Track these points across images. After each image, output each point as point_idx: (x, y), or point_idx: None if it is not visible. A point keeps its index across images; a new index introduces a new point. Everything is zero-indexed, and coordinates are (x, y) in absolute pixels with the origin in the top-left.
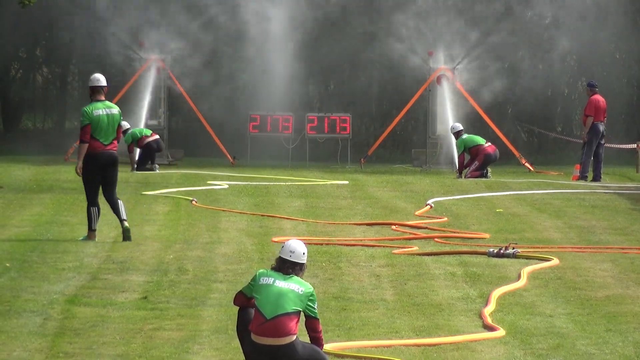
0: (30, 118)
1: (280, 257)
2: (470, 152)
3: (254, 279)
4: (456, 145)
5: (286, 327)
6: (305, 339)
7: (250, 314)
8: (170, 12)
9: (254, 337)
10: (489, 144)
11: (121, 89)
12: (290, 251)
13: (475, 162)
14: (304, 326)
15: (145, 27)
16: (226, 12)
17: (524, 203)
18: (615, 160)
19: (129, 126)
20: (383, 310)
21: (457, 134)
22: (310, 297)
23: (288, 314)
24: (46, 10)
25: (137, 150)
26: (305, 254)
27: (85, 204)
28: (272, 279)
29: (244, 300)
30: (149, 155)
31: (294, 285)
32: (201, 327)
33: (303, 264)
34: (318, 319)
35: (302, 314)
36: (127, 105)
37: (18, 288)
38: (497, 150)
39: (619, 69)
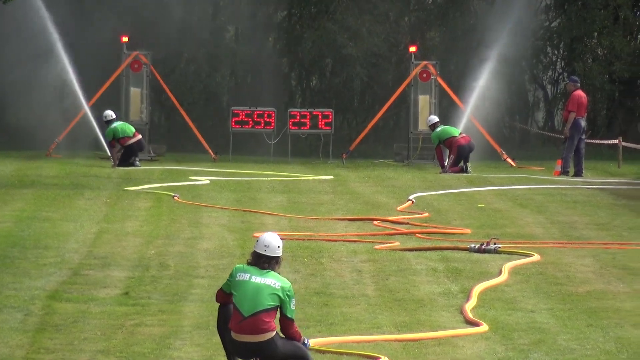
0: (13, 113)
1: (255, 251)
2: (445, 144)
3: (231, 275)
4: (432, 139)
5: (264, 324)
6: None
7: (230, 311)
8: (152, 6)
9: (233, 335)
10: (463, 135)
11: (104, 83)
12: (265, 245)
13: (450, 156)
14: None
15: (128, 22)
16: (208, 6)
17: (505, 198)
18: (597, 155)
19: (114, 116)
20: (365, 306)
21: (433, 127)
22: (288, 293)
23: (266, 310)
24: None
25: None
26: (281, 247)
27: (66, 200)
28: (249, 274)
29: (224, 297)
30: (131, 154)
31: (271, 281)
32: (183, 322)
33: (279, 257)
34: (292, 320)
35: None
36: (109, 99)
37: None
38: (471, 140)
39: (600, 64)
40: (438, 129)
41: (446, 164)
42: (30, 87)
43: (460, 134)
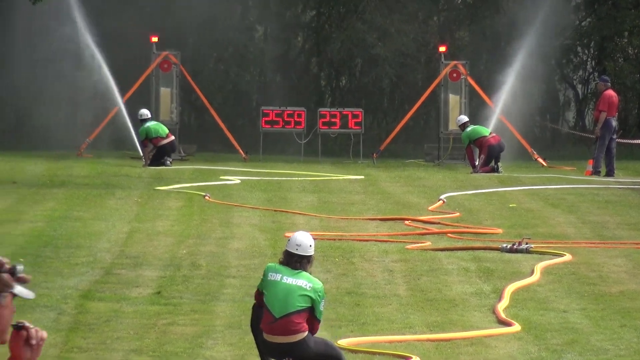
0: (42, 113)
1: (286, 250)
2: (475, 144)
3: (264, 274)
4: (462, 139)
5: (296, 325)
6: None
7: (262, 310)
8: (181, 6)
9: (265, 335)
10: (493, 134)
11: (133, 83)
12: (297, 244)
13: (481, 156)
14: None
15: (158, 22)
16: (236, 6)
17: (537, 198)
18: (629, 155)
19: (149, 115)
20: (396, 306)
21: (463, 127)
22: (319, 294)
23: (297, 311)
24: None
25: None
26: (312, 246)
27: (97, 199)
28: (280, 274)
29: (261, 297)
30: (163, 155)
31: (302, 282)
32: (215, 322)
33: (310, 256)
34: (319, 321)
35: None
36: (139, 99)
37: (32, 283)
38: (501, 140)
39: (631, 63)
40: (468, 129)
41: (477, 163)
42: (61, 87)
43: (490, 133)
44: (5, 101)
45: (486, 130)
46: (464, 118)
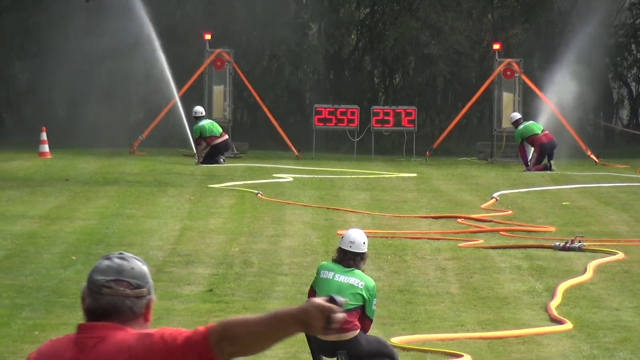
0: (95, 111)
1: (340, 248)
2: (527, 141)
3: (317, 272)
4: (514, 137)
5: (348, 324)
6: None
7: None
8: (236, 4)
9: None
10: (545, 132)
11: (186, 81)
12: (350, 242)
13: (533, 154)
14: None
15: (212, 19)
16: (290, 3)
17: (589, 196)
18: None
19: (204, 113)
20: (449, 304)
21: (515, 124)
22: (371, 292)
23: (348, 310)
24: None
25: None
26: (366, 243)
27: (150, 197)
28: (332, 272)
29: (314, 295)
30: (217, 153)
31: (354, 280)
32: None
33: (364, 253)
34: (371, 320)
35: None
36: (192, 97)
37: (84, 281)
38: (553, 138)
39: None
40: (520, 127)
41: (529, 161)
42: (115, 84)
43: (542, 131)
44: (59, 99)
45: (539, 128)
46: (517, 115)
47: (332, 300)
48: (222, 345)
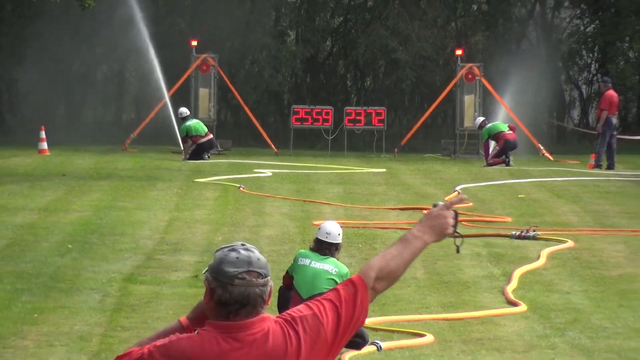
0: (90, 111)
1: (317, 238)
2: (493, 138)
3: (294, 259)
4: (481, 136)
5: None
6: None
7: (290, 293)
8: (220, 13)
9: None
10: (511, 132)
11: (173, 84)
12: (327, 233)
13: (496, 147)
14: None
15: (196, 27)
16: (271, 12)
17: (543, 189)
18: (629, 150)
19: (188, 113)
20: (414, 288)
21: (481, 126)
22: (344, 278)
23: (322, 293)
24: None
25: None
26: (341, 234)
27: (140, 190)
28: (309, 260)
29: (288, 279)
30: (202, 151)
31: (329, 267)
32: None
33: (339, 244)
34: None
35: None
36: (179, 99)
37: (79, 267)
38: (517, 138)
39: (632, 66)
40: (488, 125)
41: (490, 152)
42: (110, 87)
43: (508, 129)
44: (57, 101)
45: (504, 126)
46: (481, 118)
47: (436, 205)
48: (375, 286)
